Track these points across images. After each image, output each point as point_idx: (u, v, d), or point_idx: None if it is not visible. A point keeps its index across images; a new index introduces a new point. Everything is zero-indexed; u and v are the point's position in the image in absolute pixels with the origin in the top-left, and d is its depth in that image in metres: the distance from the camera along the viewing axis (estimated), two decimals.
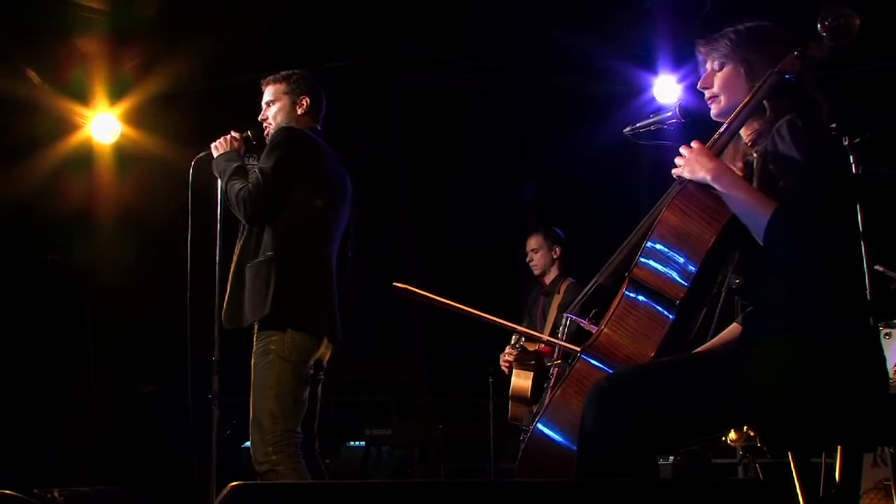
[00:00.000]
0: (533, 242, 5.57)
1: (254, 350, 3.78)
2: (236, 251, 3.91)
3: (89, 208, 7.36)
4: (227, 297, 3.86)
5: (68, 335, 7.52)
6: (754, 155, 2.45)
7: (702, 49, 2.61)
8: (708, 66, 2.60)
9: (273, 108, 4.04)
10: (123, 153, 7.25)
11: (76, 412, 7.29)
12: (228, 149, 3.99)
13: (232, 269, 3.88)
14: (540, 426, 2.48)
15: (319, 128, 4.10)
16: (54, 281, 7.41)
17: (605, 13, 7.16)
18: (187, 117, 6.88)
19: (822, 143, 2.39)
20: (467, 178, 8.46)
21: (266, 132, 4.05)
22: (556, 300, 5.39)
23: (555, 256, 5.51)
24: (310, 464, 3.76)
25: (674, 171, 2.50)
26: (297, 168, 3.83)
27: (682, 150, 2.48)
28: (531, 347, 5.10)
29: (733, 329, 2.60)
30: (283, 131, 3.91)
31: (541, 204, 8.62)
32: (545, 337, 3.98)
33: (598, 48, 7.44)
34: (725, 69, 2.55)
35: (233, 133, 4.04)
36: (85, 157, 7.20)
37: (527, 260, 5.61)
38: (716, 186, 2.37)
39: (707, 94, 2.61)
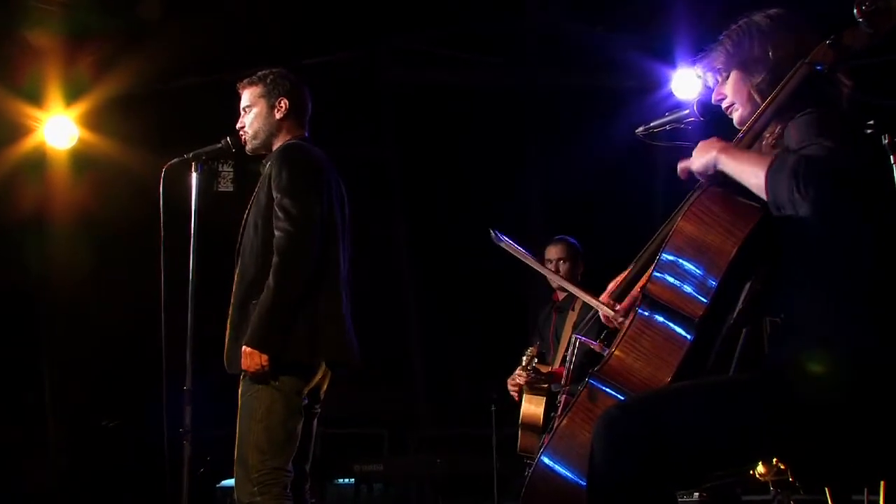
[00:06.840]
0: (558, 251, 5.49)
1: (241, 377, 3.72)
2: (236, 284, 3.85)
3: (43, 218, 7.37)
4: (228, 336, 3.80)
5: (20, 360, 7.49)
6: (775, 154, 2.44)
7: (701, 70, 2.66)
8: (716, 77, 2.63)
9: (250, 114, 3.99)
10: (80, 158, 7.25)
11: (33, 450, 7.26)
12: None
13: (235, 306, 3.82)
14: (545, 459, 2.47)
15: (307, 134, 4.04)
16: (4, 296, 7.38)
17: (618, 1, 7.17)
18: (149, 120, 6.88)
19: (846, 132, 2.34)
20: (465, 184, 8.45)
21: (243, 141, 4.00)
22: (571, 318, 5.32)
23: (579, 272, 5.46)
24: None
25: (680, 166, 2.49)
26: (319, 198, 3.78)
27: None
28: (545, 369, 5.07)
29: None
30: (281, 158, 3.81)
31: (546, 210, 8.60)
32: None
33: (611, 39, 7.44)
34: (732, 75, 2.59)
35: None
36: (38, 163, 7.20)
37: (552, 269, 5.50)
38: (724, 160, 2.36)
39: (724, 105, 2.63)
